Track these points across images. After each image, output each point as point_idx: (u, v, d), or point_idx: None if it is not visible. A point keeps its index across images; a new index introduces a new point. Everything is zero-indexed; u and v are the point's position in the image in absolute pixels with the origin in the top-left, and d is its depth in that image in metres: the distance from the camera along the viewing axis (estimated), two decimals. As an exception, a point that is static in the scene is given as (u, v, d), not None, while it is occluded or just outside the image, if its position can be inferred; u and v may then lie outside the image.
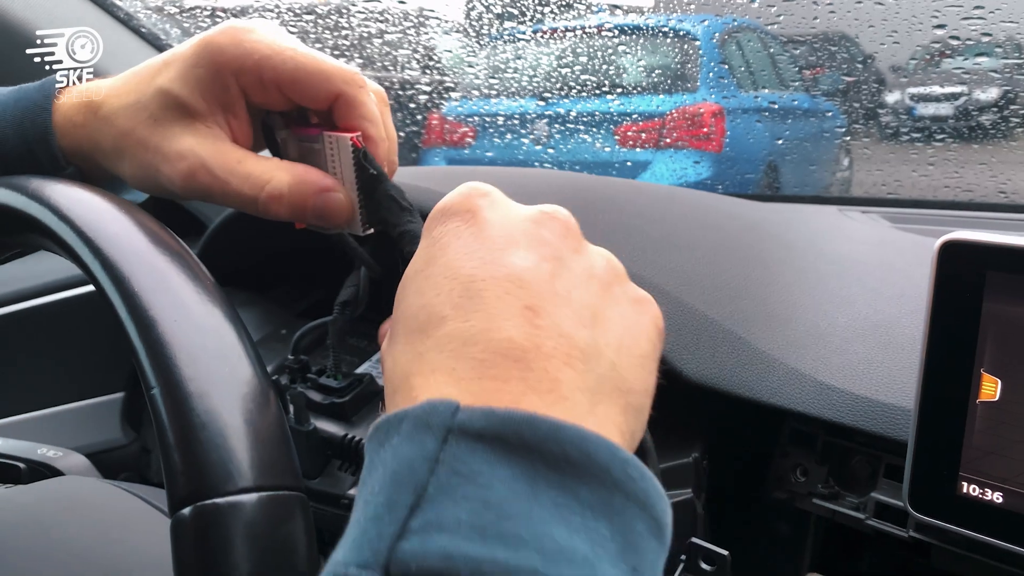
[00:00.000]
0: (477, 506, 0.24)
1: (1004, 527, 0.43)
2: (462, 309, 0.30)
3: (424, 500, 0.25)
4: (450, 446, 0.25)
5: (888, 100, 1.24)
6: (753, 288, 0.59)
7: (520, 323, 0.29)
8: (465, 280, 0.31)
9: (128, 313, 0.35)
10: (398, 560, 0.23)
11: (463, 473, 0.25)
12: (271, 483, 0.32)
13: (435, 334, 0.30)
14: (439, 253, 0.32)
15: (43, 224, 0.39)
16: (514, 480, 0.25)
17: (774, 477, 0.55)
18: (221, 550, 0.30)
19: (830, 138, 1.32)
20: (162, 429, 0.32)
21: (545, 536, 0.24)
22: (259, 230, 0.75)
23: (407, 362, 0.30)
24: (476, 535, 0.24)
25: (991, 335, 0.43)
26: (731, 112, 1.88)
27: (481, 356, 0.29)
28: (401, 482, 0.25)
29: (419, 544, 0.24)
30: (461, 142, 2.01)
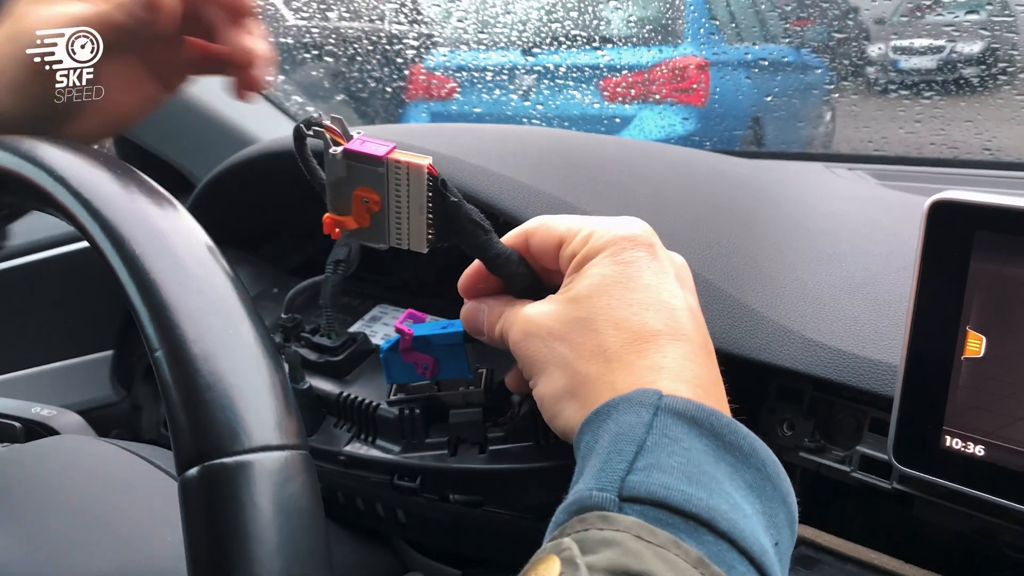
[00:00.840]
0: (683, 460, 0.32)
1: (985, 479, 0.44)
2: (672, 331, 0.38)
3: (643, 451, 0.33)
4: (659, 418, 0.34)
5: (872, 53, 1.24)
6: (742, 246, 0.59)
7: (707, 353, 0.39)
8: (669, 306, 0.39)
9: (129, 276, 0.35)
10: (628, 487, 0.31)
11: (670, 436, 0.33)
12: (277, 442, 0.32)
13: (655, 341, 0.38)
14: (635, 274, 0.40)
15: (37, 185, 0.38)
16: (705, 450, 0.33)
17: (761, 431, 0.56)
18: (230, 508, 0.30)
19: (815, 92, 1.32)
20: (168, 391, 0.32)
21: (727, 492, 0.32)
22: (248, 187, 0.75)
23: (624, 350, 0.38)
24: (684, 478, 0.32)
25: (977, 293, 0.44)
26: (716, 66, 1.86)
27: (694, 370, 0.37)
28: (624, 438, 0.33)
29: (644, 478, 0.32)
30: (446, 96, 1.99)
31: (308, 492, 0.33)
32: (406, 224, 0.42)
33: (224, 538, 0.30)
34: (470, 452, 0.53)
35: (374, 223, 0.42)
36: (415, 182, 0.41)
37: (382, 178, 0.41)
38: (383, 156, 0.40)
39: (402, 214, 0.42)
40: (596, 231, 0.42)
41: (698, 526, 0.31)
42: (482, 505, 0.53)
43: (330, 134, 0.41)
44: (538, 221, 0.45)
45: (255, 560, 0.30)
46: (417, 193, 0.41)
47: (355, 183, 0.41)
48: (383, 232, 0.42)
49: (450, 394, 0.53)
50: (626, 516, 0.31)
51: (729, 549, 0.31)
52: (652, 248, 0.42)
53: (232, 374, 0.33)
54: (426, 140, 0.61)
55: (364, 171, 0.41)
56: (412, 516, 0.56)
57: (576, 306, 0.40)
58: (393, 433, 0.55)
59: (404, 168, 0.41)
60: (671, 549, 0.29)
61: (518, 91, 1.62)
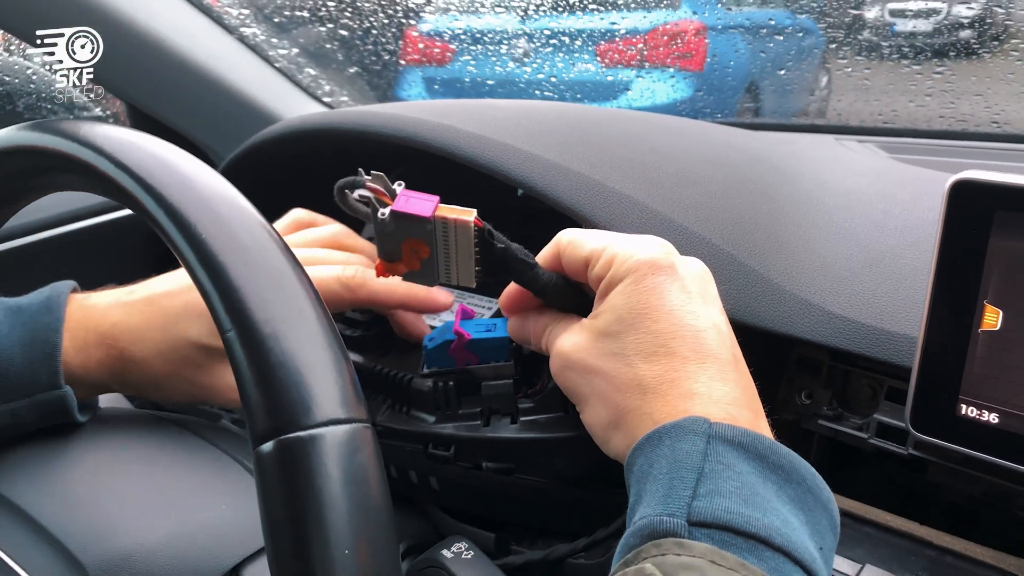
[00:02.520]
0: (738, 484, 0.35)
1: (999, 445, 0.47)
2: (699, 354, 0.41)
3: (703, 477, 0.36)
4: (713, 446, 0.37)
5: (868, 16, 1.23)
6: (763, 221, 0.61)
7: (734, 367, 0.42)
8: (693, 330, 0.42)
9: (198, 260, 0.36)
10: (696, 512, 0.34)
11: (724, 463, 0.36)
12: (345, 416, 0.34)
13: (683, 369, 0.41)
14: (658, 303, 0.42)
15: (100, 171, 0.40)
16: (754, 473, 0.36)
17: (781, 400, 0.58)
18: (305, 478, 0.32)
19: (812, 56, 1.32)
20: (241, 370, 0.34)
21: (777, 509, 0.35)
22: (273, 165, 0.76)
23: (658, 382, 0.41)
24: (741, 501, 0.35)
25: (996, 269, 0.46)
26: (714, 30, 1.85)
27: (723, 389, 0.40)
28: (684, 466, 0.36)
29: (707, 503, 0.35)
30: (440, 60, 1.97)
31: (374, 461, 0.35)
32: (455, 267, 0.45)
33: (300, 506, 0.32)
34: (502, 422, 0.55)
35: (424, 266, 0.45)
36: (462, 234, 0.44)
37: (430, 234, 0.43)
38: (430, 216, 0.43)
39: (451, 259, 0.44)
40: (618, 255, 0.44)
41: (758, 544, 0.34)
42: (514, 472, 0.56)
43: (375, 195, 0.43)
44: (567, 237, 0.48)
45: (330, 525, 0.32)
46: (464, 243, 0.44)
47: (403, 235, 0.43)
48: (433, 273, 0.45)
49: (482, 368, 0.56)
50: (698, 542, 0.33)
51: (785, 561, 0.34)
52: (672, 269, 0.44)
53: (300, 352, 0.35)
54: (453, 117, 0.62)
55: (412, 226, 0.43)
56: (445, 483, 0.59)
57: (607, 340, 0.43)
58: (427, 404, 0.57)
59: (452, 224, 0.43)
60: (739, 571, 0.32)
61: (515, 56, 1.62)
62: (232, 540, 0.45)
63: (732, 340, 0.44)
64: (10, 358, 0.49)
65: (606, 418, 0.43)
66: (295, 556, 0.32)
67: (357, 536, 0.33)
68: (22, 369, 0.49)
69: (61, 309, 0.51)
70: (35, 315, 0.50)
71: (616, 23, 1.68)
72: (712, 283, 0.46)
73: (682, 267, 0.44)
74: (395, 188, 0.43)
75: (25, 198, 0.48)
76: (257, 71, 1.01)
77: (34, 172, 0.45)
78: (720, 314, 0.44)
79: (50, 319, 0.50)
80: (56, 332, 0.50)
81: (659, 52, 1.83)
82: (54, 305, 0.51)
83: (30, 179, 0.46)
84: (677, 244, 0.56)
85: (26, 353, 0.49)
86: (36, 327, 0.50)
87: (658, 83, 1.80)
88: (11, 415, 0.48)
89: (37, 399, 0.49)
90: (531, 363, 0.57)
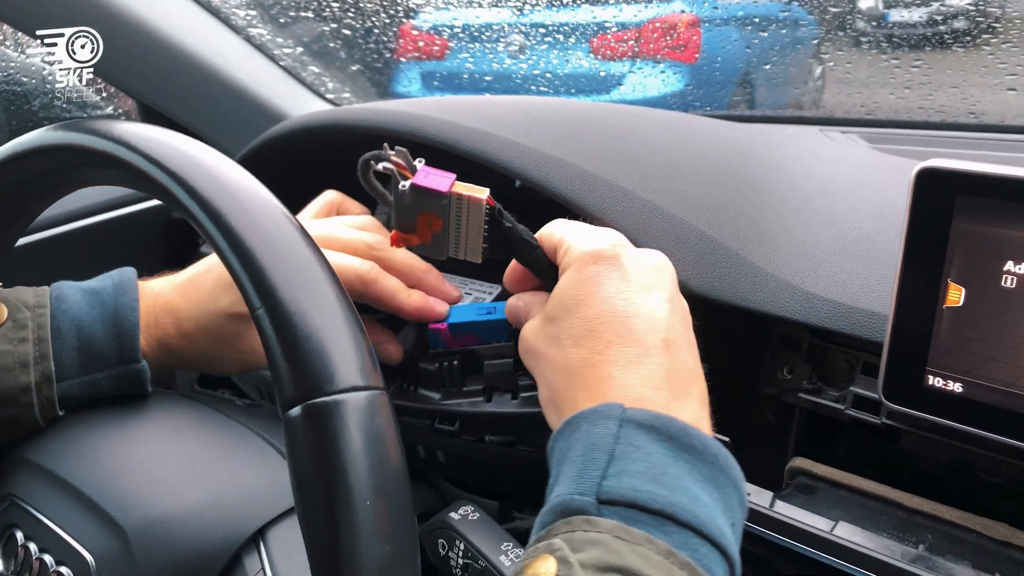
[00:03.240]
0: (646, 464, 0.38)
1: (963, 412, 0.50)
2: (623, 338, 0.44)
3: (614, 459, 0.38)
4: (625, 429, 0.39)
5: (862, 6, 1.25)
6: (747, 208, 0.65)
7: (663, 352, 0.44)
8: (622, 316, 0.44)
9: (228, 245, 0.40)
10: (604, 491, 0.37)
11: (635, 445, 0.39)
12: (364, 384, 0.38)
13: (605, 352, 0.44)
14: (593, 290, 0.45)
15: (136, 167, 0.44)
16: (665, 453, 0.39)
17: (764, 375, 0.62)
18: (331, 439, 0.36)
19: (805, 48, 1.34)
20: (270, 343, 0.38)
21: (686, 487, 0.38)
22: (284, 161, 0.80)
23: (581, 366, 0.44)
24: (649, 480, 0.37)
25: (958, 250, 0.49)
26: (707, 22, 1.86)
27: (643, 372, 0.43)
28: (597, 448, 0.39)
29: (616, 483, 0.37)
30: (435, 54, 1.98)
31: (390, 424, 0.39)
32: (464, 241, 0.49)
33: (327, 462, 0.36)
34: (503, 398, 0.59)
35: (435, 240, 0.49)
36: (474, 211, 0.47)
37: (446, 208, 0.47)
38: (447, 191, 0.46)
39: (461, 234, 0.48)
40: (571, 246, 0.48)
41: (664, 520, 0.37)
42: (515, 445, 0.60)
43: (398, 168, 0.47)
44: (548, 228, 0.52)
45: (353, 479, 0.36)
46: (475, 219, 0.48)
47: (419, 208, 0.47)
48: (443, 247, 0.49)
49: (484, 348, 0.60)
50: (606, 519, 0.36)
51: (692, 536, 0.37)
52: (615, 260, 0.46)
53: (323, 328, 0.39)
54: (455, 114, 0.66)
55: (429, 200, 0.47)
56: (451, 457, 0.63)
57: (549, 325, 0.47)
58: (433, 383, 0.61)
59: (466, 200, 0.47)
60: (644, 545, 0.35)
61: (510, 51, 1.63)
62: (257, 505, 0.49)
63: (669, 327, 0.45)
64: (92, 334, 0.54)
65: (547, 398, 0.47)
66: (322, 508, 0.36)
67: (377, 489, 0.37)
68: (104, 344, 0.54)
69: (135, 291, 0.56)
70: (112, 295, 0.55)
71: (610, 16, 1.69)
72: (666, 274, 0.48)
73: (628, 258, 0.47)
74: (416, 164, 0.47)
75: (62, 192, 0.52)
76: (264, 70, 1.05)
77: (71, 168, 0.49)
78: (663, 303, 0.46)
79: (127, 299, 0.55)
80: (134, 311, 0.55)
81: (652, 45, 1.84)
82: (128, 287, 0.56)
83: (68, 174, 0.50)
84: (665, 230, 0.60)
85: (107, 329, 0.54)
86: (116, 306, 0.55)
87: (650, 77, 1.81)
88: (91, 385, 0.54)
89: (118, 371, 0.54)
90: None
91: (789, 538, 0.49)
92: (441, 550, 0.53)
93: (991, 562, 0.48)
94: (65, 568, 0.47)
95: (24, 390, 0.51)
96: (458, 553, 0.52)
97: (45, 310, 0.53)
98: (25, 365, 0.51)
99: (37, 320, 0.52)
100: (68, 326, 0.53)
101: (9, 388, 0.51)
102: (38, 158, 0.48)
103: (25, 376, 0.51)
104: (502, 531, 0.54)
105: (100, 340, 0.54)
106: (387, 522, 0.37)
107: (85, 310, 0.54)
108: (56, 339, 0.52)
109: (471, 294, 0.67)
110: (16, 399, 0.51)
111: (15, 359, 0.51)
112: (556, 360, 0.46)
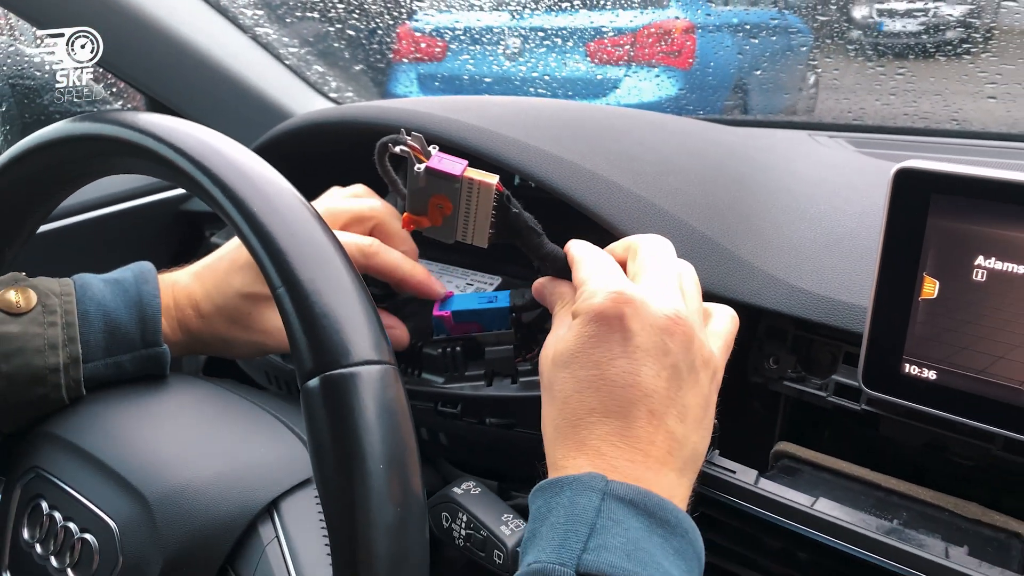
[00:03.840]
0: (624, 540, 0.40)
1: (937, 398, 0.53)
2: (606, 407, 0.45)
3: (594, 532, 0.40)
4: (606, 503, 0.41)
5: (856, 16, 1.26)
6: (737, 207, 0.68)
7: (645, 424, 0.45)
8: (610, 385, 0.45)
9: (250, 229, 0.43)
10: (584, 564, 0.39)
11: (615, 519, 0.40)
12: (376, 358, 0.41)
13: (587, 418, 0.45)
14: (590, 348, 0.46)
15: (163, 156, 0.46)
16: (641, 528, 0.41)
17: (751, 365, 0.65)
18: (345, 408, 0.39)
19: (798, 56, 1.36)
20: (290, 319, 0.41)
21: (659, 563, 0.40)
22: (291, 158, 0.82)
23: (564, 423, 0.46)
24: (625, 555, 0.39)
25: (933, 245, 0.52)
26: (701, 28, 1.87)
27: (619, 445, 0.44)
28: (579, 520, 0.40)
29: (595, 557, 0.39)
30: (432, 57, 2.00)
31: (401, 397, 0.42)
32: (472, 226, 0.51)
33: (342, 431, 0.39)
34: (503, 382, 0.62)
35: (445, 223, 0.51)
36: (484, 195, 0.50)
37: (457, 192, 0.50)
38: (459, 175, 0.49)
39: (470, 218, 0.51)
40: (584, 292, 0.48)
41: None
42: (515, 427, 0.63)
43: (413, 152, 0.49)
44: (579, 252, 0.52)
45: (367, 445, 0.39)
46: (484, 203, 0.50)
47: (431, 191, 0.50)
48: (452, 230, 0.52)
49: (485, 335, 0.62)
50: None
51: None
52: (618, 321, 0.46)
53: (339, 306, 0.41)
54: (457, 112, 0.69)
55: (441, 183, 0.50)
56: (453, 438, 0.66)
57: (554, 368, 0.48)
58: (436, 367, 0.64)
59: (476, 185, 0.50)
60: None
61: (506, 54, 1.65)
62: (271, 478, 0.52)
63: (659, 396, 0.45)
64: (117, 318, 0.57)
65: (543, 424, 0.49)
66: (339, 472, 0.39)
67: (389, 455, 0.39)
68: (128, 328, 0.57)
69: (155, 280, 0.60)
70: (134, 284, 0.59)
71: (605, 21, 1.71)
72: (677, 336, 0.47)
73: (636, 319, 0.46)
74: (430, 149, 0.50)
75: (86, 180, 0.55)
76: (269, 68, 1.08)
77: (97, 156, 0.52)
78: (660, 370, 0.45)
79: (148, 287, 0.59)
80: (156, 298, 0.58)
81: (648, 50, 1.86)
82: (149, 277, 0.60)
83: (93, 163, 0.53)
84: (657, 226, 0.63)
85: (131, 314, 0.57)
86: (139, 294, 0.58)
87: (644, 81, 1.83)
88: (116, 366, 0.57)
89: (140, 354, 0.58)
90: (529, 331, 0.63)
91: (772, 512, 0.52)
92: (444, 523, 0.56)
93: (962, 537, 0.51)
94: (89, 535, 0.50)
95: (53, 371, 0.54)
96: (461, 525, 0.55)
97: (71, 297, 0.56)
98: (54, 347, 0.54)
99: (64, 306, 0.55)
100: (95, 311, 0.56)
101: (39, 368, 0.54)
102: (68, 146, 0.51)
103: (54, 357, 0.54)
104: (503, 503, 0.57)
105: (124, 324, 0.57)
106: (398, 486, 0.40)
107: (109, 297, 0.57)
108: (83, 323, 0.55)
109: (472, 284, 0.70)
110: (45, 379, 0.54)
111: (45, 341, 0.54)
112: (548, 411, 0.48)
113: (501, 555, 0.51)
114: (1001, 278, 0.50)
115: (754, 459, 0.58)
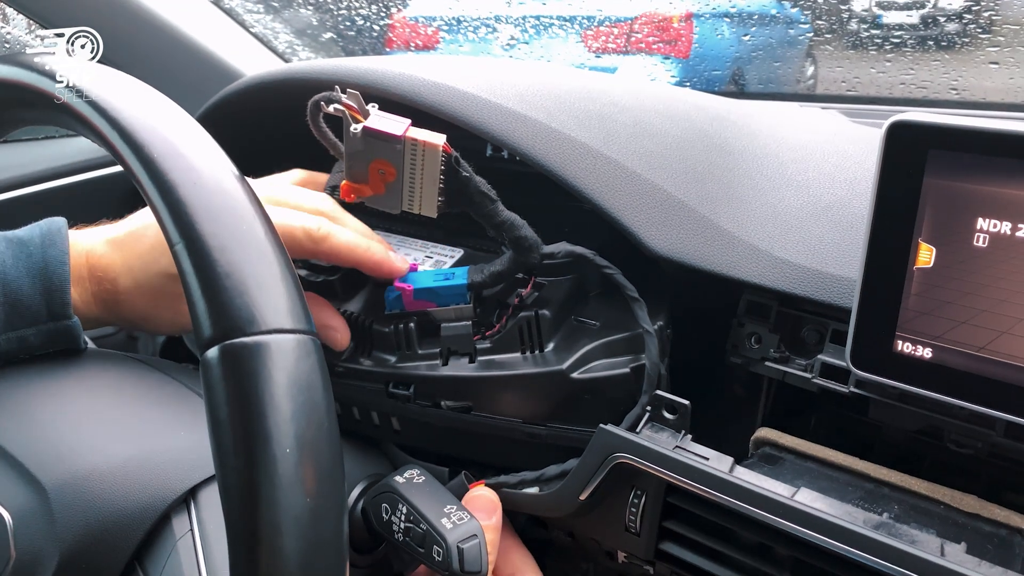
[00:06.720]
0: None
1: (932, 379, 0.48)
2: None
3: None
4: None
5: (855, 7, 1.25)
6: (717, 172, 0.63)
7: None
8: None
9: (149, 177, 0.38)
10: None
11: None
12: (290, 326, 0.36)
13: None
14: None
15: (61, 102, 0.41)
16: None
17: (731, 345, 0.60)
18: (248, 382, 0.34)
19: (797, 46, 1.33)
20: (188, 280, 0.36)
21: None
22: (239, 121, 0.77)
23: None
24: None
25: (929, 207, 0.47)
26: (699, 16, 1.86)
27: None
28: None
29: None
30: (426, 46, 1.98)
31: (318, 370, 0.36)
32: (419, 193, 0.46)
33: (243, 407, 0.34)
34: (460, 362, 0.57)
35: (389, 191, 0.46)
36: (430, 158, 0.45)
37: (399, 154, 0.44)
38: (401, 135, 0.44)
39: (415, 184, 0.46)
40: None
41: None
42: (471, 410, 0.57)
43: (349, 111, 0.44)
44: None
45: (272, 426, 0.33)
46: (431, 167, 0.45)
47: (372, 155, 0.44)
48: (397, 199, 0.46)
49: (442, 310, 0.57)
50: None
51: None
52: None
53: (247, 264, 0.36)
54: (413, 68, 0.63)
55: (382, 146, 0.44)
56: (406, 422, 0.60)
57: None
58: (388, 345, 0.59)
59: (420, 146, 0.44)
60: None
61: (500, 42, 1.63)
62: (189, 465, 0.47)
63: None
64: (18, 288, 0.51)
65: None
66: (235, 453, 0.33)
67: (299, 437, 0.34)
68: (31, 299, 0.51)
69: (65, 243, 0.53)
70: (40, 247, 0.52)
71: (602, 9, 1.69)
72: None
73: None
74: (368, 108, 0.45)
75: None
76: (232, 35, 1.02)
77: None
78: None
79: (55, 252, 0.52)
80: (63, 265, 0.52)
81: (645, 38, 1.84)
82: (57, 238, 0.53)
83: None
84: (629, 189, 0.57)
85: (34, 284, 0.51)
86: (44, 259, 0.51)
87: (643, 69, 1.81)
88: (19, 341, 0.51)
89: (47, 327, 0.51)
90: (490, 306, 0.58)
91: (746, 503, 0.47)
92: (384, 515, 0.51)
93: (959, 533, 0.46)
94: (-19, 527, 0.44)
95: None
96: (400, 517, 0.50)
97: None
98: None
99: None
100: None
101: None
102: None
103: None
104: (447, 493, 0.52)
105: (27, 295, 0.51)
106: (310, 474, 0.34)
107: (10, 263, 0.51)
108: None
109: (431, 257, 0.64)
110: None
111: None
112: None
113: (441, 551, 0.46)
114: (1005, 243, 0.45)
115: (734, 448, 0.53)
